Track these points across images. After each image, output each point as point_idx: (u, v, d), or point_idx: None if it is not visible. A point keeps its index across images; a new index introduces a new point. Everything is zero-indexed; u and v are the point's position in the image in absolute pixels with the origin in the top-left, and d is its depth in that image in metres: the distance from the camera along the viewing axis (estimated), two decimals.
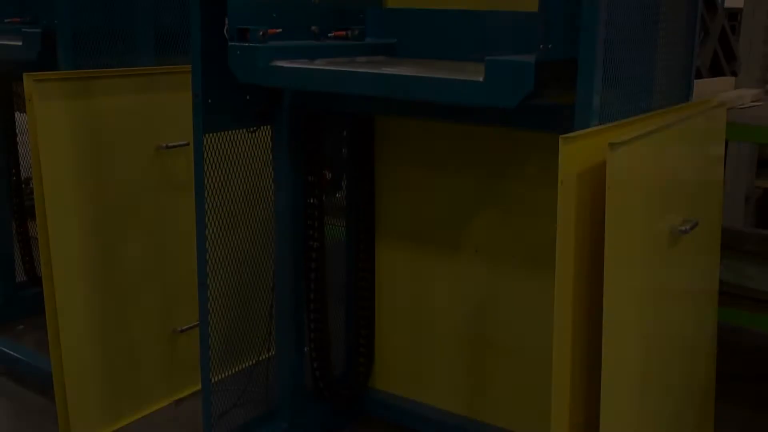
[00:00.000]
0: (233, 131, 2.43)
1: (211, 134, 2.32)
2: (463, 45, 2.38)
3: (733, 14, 5.14)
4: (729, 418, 2.96)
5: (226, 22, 2.17)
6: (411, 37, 2.49)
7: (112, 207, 2.82)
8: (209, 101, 2.27)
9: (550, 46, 1.79)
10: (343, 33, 2.45)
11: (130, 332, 2.93)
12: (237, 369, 2.73)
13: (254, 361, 2.75)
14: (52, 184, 2.62)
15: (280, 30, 2.22)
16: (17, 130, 3.65)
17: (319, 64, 2.16)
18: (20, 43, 2.83)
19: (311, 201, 2.58)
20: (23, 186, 3.75)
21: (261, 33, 2.15)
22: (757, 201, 5.18)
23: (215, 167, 2.36)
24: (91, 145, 2.73)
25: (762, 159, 5.15)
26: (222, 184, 2.41)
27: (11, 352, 3.23)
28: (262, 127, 2.49)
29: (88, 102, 2.71)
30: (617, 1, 1.81)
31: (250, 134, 2.48)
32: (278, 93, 2.47)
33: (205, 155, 2.30)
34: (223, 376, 2.64)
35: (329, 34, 2.42)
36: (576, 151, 1.63)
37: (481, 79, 1.82)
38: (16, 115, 3.64)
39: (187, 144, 2.90)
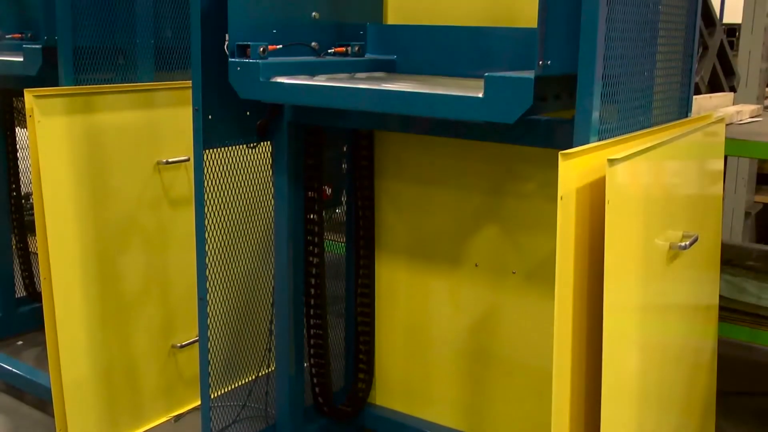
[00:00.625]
0: (233, 147, 2.44)
1: (211, 150, 2.32)
2: (463, 61, 2.39)
3: (732, 30, 5.16)
4: None
5: (227, 38, 2.18)
6: (411, 54, 2.50)
7: (112, 222, 2.82)
8: (209, 117, 2.27)
9: (549, 62, 1.80)
10: (344, 49, 2.46)
11: (130, 348, 2.93)
12: (236, 384, 2.73)
13: (254, 377, 2.75)
14: (52, 200, 2.62)
15: (280, 46, 2.23)
16: (18, 146, 3.66)
17: (320, 80, 2.16)
18: (21, 59, 2.85)
19: (311, 216, 2.59)
20: (23, 201, 3.75)
21: (261, 49, 2.16)
22: (756, 216, 5.18)
23: (215, 183, 2.36)
24: (91, 160, 2.74)
25: (761, 174, 5.16)
26: (222, 200, 2.41)
27: (10, 368, 3.22)
28: (262, 143, 2.50)
29: (88, 118, 2.72)
30: (616, 17, 1.82)
31: (250, 150, 2.49)
32: (278, 108, 2.48)
33: (205, 171, 2.31)
34: (222, 391, 2.63)
35: (329, 50, 2.42)
36: (575, 167, 1.63)
37: (480, 95, 1.83)
38: (16, 131, 3.65)
39: (187, 159, 2.92)
